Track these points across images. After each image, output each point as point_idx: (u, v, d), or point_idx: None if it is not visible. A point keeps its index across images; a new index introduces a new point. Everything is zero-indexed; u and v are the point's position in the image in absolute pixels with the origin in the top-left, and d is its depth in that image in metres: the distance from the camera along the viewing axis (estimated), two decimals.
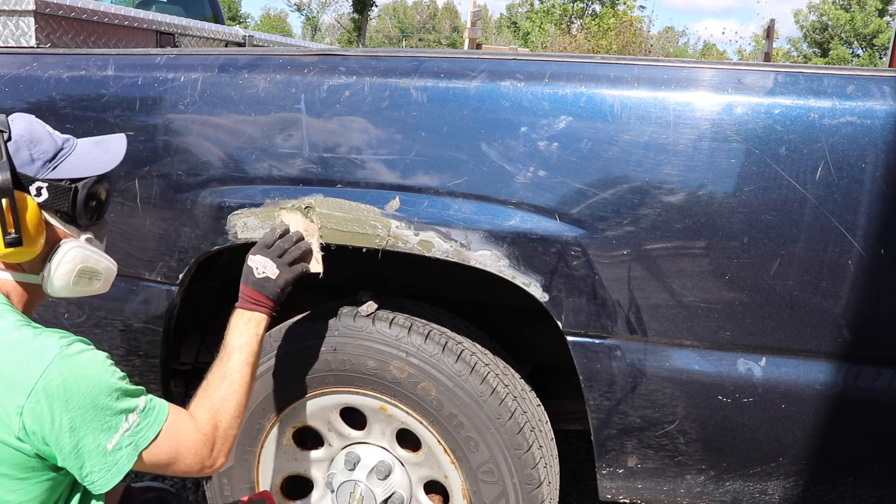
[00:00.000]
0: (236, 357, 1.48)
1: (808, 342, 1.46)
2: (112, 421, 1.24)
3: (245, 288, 1.56)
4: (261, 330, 1.54)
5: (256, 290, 1.55)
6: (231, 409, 1.42)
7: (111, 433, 1.23)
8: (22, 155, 1.30)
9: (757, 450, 1.55)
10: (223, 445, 1.38)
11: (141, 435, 1.26)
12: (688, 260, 1.46)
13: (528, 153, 1.49)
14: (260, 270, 1.56)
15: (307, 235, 1.63)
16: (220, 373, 1.46)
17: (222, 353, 1.50)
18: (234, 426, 1.42)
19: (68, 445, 1.21)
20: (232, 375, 1.46)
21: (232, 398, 1.43)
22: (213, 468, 1.37)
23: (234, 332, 1.52)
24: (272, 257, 1.57)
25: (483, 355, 1.74)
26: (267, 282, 1.55)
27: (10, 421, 1.19)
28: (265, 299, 1.55)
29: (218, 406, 1.41)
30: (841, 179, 1.37)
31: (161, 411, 1.31)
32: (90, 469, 1.23)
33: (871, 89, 1.38)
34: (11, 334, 1.24)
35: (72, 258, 1.34)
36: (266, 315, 1.56)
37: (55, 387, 1.19)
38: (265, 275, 1.55)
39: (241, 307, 1.56)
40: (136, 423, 1.26)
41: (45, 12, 2.17)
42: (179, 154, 1.72)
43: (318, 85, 1.62)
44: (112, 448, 1.24)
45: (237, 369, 1.47)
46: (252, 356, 1.50)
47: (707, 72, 1.46)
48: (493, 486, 1.71)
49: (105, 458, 1.23)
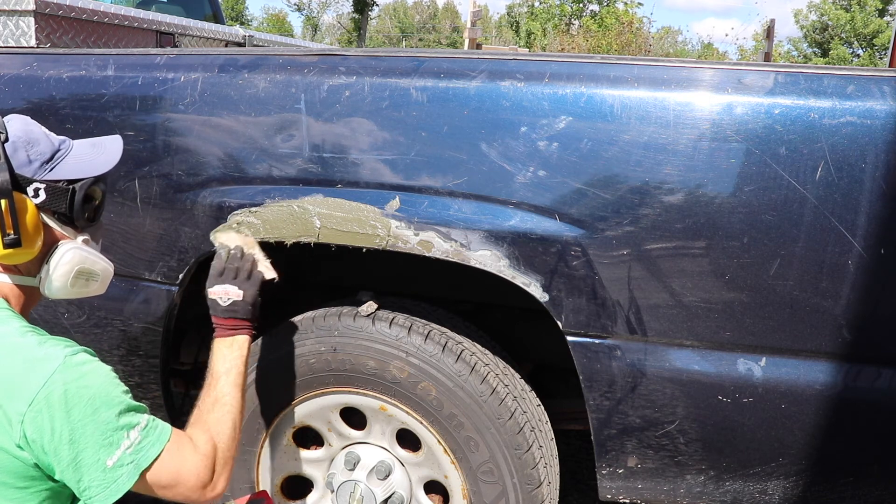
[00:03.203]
0: (224, 380, 1.49)
1: (808, 342, 1.46)
2: (114, 436, 1.22)
3: (217, 319, 1.57)
4: (244, 350, 1.56)
5: (230, 317, 1.56)
6: (227, 430, 1.42)
7: (112, 449, 1.21)
8: (19, 156, 1.29)
9: (757, 450, 1.55)
10: (223, 468, 1.38)
11: (143, 454, 1.24)
12: (688, 260, 1.46)
13: (528, 153, 1.49)
14: (224, 298, 1.57)
15: (247, 248, 1.64)
16: (210, 398, 1.46)
17: (209, 379, 1.50)
18: (231, 447, 1.42)
19: (67, 457, 1.19)
20: (224, 398, 1.46)
21: (227, 419, 1.43)
22: (214, 492, 1.35)
23: (219, 357, 1.53)
24: (228, 281, 1.58)
25: (483, 355, 1.74)
26: (236, 305, 1.56)
27: (12, 428, 1.18)
28: (241, 322, 1.57)
29: (214, 429, 1.41)
30: (841, 179, 1.37)
31: (163, 431, 1.29)
32: (88, 483, 1.21)
33: (871, 89, 1.38)
34: (15, 340, 1.23)
35: (69, 259, 1.34)
36: (247, 335, 1.57)
37: (57, 396, 1.18)
38: (231, 300, 1.56)
39: (220, 336, 1.56)
40: (137, 440, 1.24)
41: (45, 12, 2.17)
42: (179, 154, 1.72)
43: (318, 85, 1.62)
44: (112, 464, 1.21)
45: (228, 392, 1.47)
46: (240, 377, 1.52)
47: (707, 72, 1.46)
48: (493, 486, 1.71)
49: (104, 474, 1.21)
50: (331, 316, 1.74)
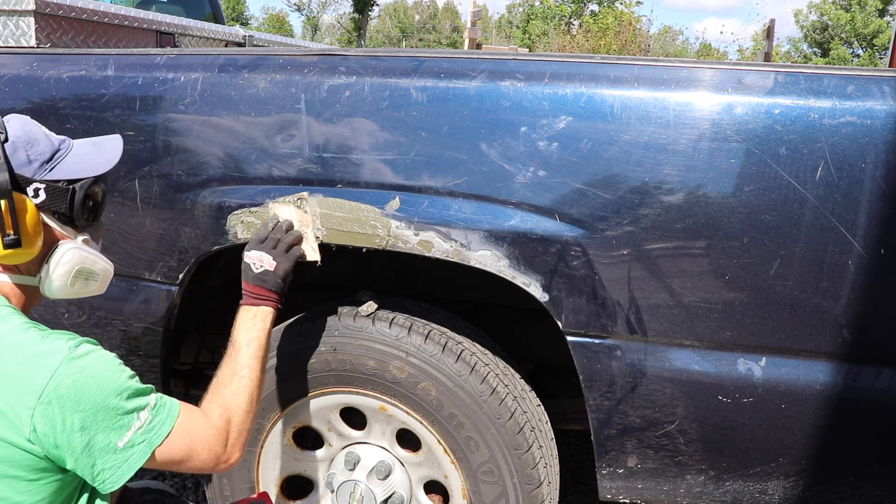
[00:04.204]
0: (245, 352, 1.49)
1: (808, 342, 1.46)
2: (123, 420, 1.24)
3: (247, 285, 1.57)
4: (268, 324, 1.55)
5: (258, 285, 1.56)
6: (243, 403, 1.43)
7: (122, 431, 1.24)
8: (19, 156, 1.29)
9: (757, 450, 1.55)
10: (237, 440, 1.39)
11: (154, 432, 1.27)
12: (688, 260, 1.46)
13: (528, 153, 1.49)
14: (257, 265, 1.56)
15: (301, 226, 1.64)
16: (229, 369, 1.47)
17: (230, 349, 1.51)
18: (247, 420, 1.43)
19: (80, 445, 1.21)
20: (242, 370, 1.46)
21: (243, 392, 1.44)
22: (228, 463, 1.37)
23: (241, 327, 1.53)
24: (267, 250, 1.58)
25: (483, 355, 1.74)
26: (267, 275, 1.56)
27: (21, 423, 1.19)
28: (268, 293, 1.56)
29: (229, 401, 1.42)
30: (841, 179, 1.37)
31: (172, 408, 1.31)
32: (101, 467, 1.24)
33: (871, 89, 1.38)
34: (18, 337, 1.24)
35: (69, 259, 1.34)
36: (272, 308, 1.57)
37: (65, 389, 1.19)
38: (263, 268, 1.56)
39: (246, 304, 1.56)
40: (148, 420, 1.26)
41: (45, 12, 2.17)
42: (179, 154, 1.72)
43: (318, 85, 1.62)
44: (123, 445, 1.24)
45: (247, 364, 1.47)
46: (261, 350, 1.51)
47: (707, 72, 1.46)
48: (493, 486, 1.71)
49: (115, 455, 1.24)
50: (331, 316, 1.74)
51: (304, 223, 1.64)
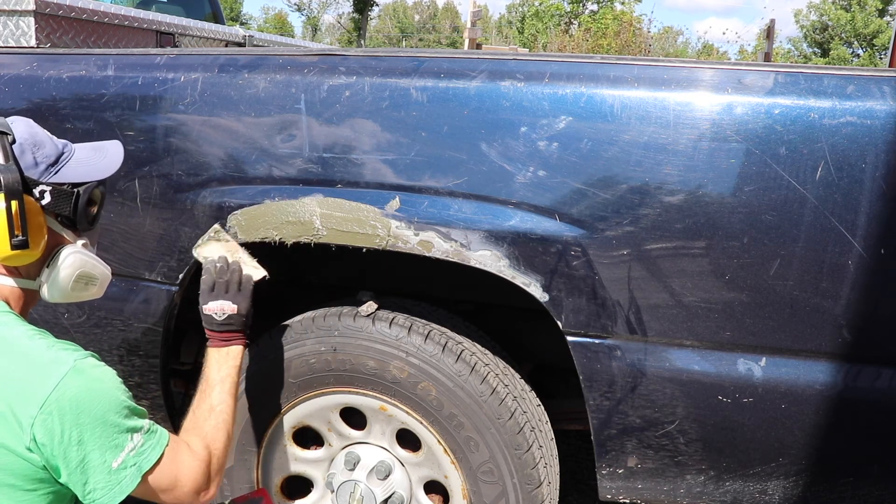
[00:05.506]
0: (219, 389, 1.51)
1: (808, 342, 1.46)
2: (119, 438, 1.24)
3: (213, 333, 1.58)
4: (238, 360, 1.57)
5: (225, 331, 1.58)
6: (222, 438, 1.44)
7: (117, 451, 1.23)
8: (26, 158, 1.29)
9: (757, 450, 1.55)
10: (217, 474, 1.40)
11: (145, 457, 1.26)
12: (688, 260, 1.46)
13: (528, 153, 1.49)
14: (219, 314, 1.58)
15: (232, 254, 1.64)
16: (206, 405, 1.48)
17: (203, 385, 1.52)
18: (224, 455, 1.44)
19: (75, 459, 1.21)
20: (219, 406, 1.48)
21: (222, 428, 1.45)
22: (206, 497, 1.38)
23: (214, 366, 1.55)
24: (221, 297, 1.58)
25: (483, 355, 1.74)
26: (231, 318, 1.58)
27: (22, 431, 1.19)
28: (236, 333, 1.59)
29: (211, 436, 1.43)
30: (841, 179, 1.37)
31: (162, 435, 1.31)
32: (93, 486, 1.23)
33: (871, 89, 1.38)
34: (24, 344, 1.24)
35: (71, 263, 1.35)
36: (241, 345, 1.59)
37: (68, 400, 1.19)
38: (226, 314, 1.58)
39: (215, 346, 1.57)
40: (140, 443, 1.26)
41: (45, 12, 2.17)
42: (179, 154, 1.72)
43: (318, 85, 1.62)
44: (117, 466, 1.23)
45: (223, 400, 1.49)
46: (234, 387, 1.53)
47: (707, 72, 1.46)
48: (493, 486, 1.71)
49: (109, 475, 1.23)
50: (331, 316, 1.74)
51: (232, 250, 1.65)
